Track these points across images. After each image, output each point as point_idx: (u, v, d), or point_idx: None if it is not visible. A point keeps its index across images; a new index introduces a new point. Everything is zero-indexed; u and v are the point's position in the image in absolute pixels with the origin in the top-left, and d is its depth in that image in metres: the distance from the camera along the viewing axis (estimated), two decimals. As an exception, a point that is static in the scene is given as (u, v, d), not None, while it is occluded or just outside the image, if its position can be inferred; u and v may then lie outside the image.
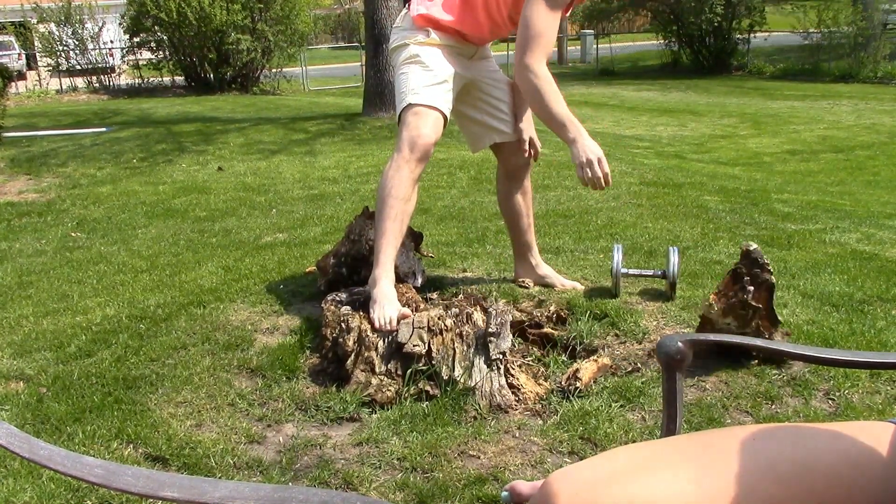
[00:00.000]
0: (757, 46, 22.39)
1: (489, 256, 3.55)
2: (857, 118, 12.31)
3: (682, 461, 0.82)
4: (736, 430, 0.86)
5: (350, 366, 2.34)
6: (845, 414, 2.13)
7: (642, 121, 12.87)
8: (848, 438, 0.82)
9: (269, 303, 3.02)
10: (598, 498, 0.76)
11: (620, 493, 0.76)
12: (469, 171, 5.99)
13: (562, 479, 0.80)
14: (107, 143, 8.52)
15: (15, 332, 2.94)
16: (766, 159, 8.91)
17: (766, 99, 15.46)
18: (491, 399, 2.23)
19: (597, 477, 0.80)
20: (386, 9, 9.17)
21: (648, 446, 0.88)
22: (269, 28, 16.91)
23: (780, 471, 0.79)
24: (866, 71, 18.31)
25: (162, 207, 5.35)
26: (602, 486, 0.78)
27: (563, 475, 0.81)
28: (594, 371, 2.35)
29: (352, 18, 38.07)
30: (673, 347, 1.05)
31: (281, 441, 2.10)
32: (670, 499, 0.77)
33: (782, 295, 2.98)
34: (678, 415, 1.05)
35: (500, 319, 2.36)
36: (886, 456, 0.79)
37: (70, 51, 18.07)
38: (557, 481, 0.79)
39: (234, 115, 11.17)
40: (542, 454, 2.01)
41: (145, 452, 2.03)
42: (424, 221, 4.35)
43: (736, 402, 2.22)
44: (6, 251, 4.33)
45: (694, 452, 0.84)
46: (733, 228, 4.07)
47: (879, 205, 5.44)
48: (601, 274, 3.20)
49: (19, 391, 2.41)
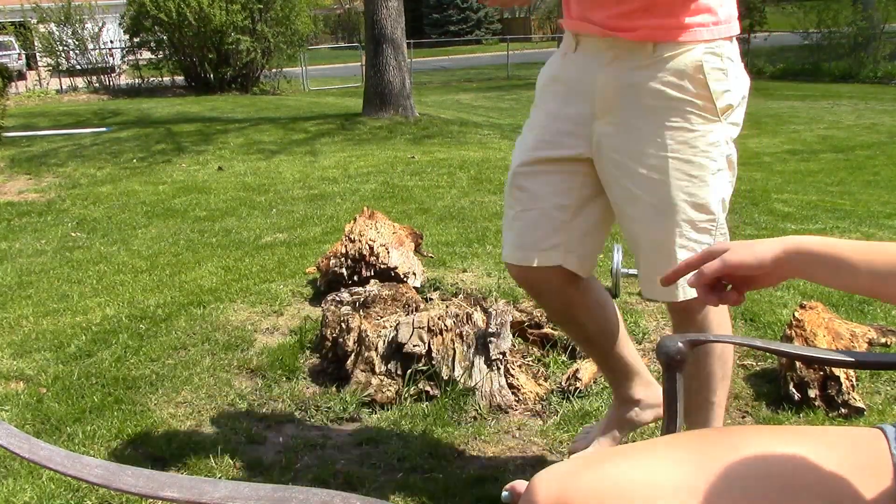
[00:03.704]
0: (757, 46, 22.38)
1: (489, 256, 3.55)
2: (857, 118, 12.32)
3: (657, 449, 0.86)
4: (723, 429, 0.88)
5: (350, 366, 2.34)
6: (846, 414, 2.13)
7: (642, 121, 12.84)
8: (835, 444, 0.82)
9: (269, 303, 3.02)
10: (573, 483, 0.81)
11: (592, 476, 0.81)
12: (469, 171, 5.99)
13: (542, 475, 0.84)
14: (107, 143, 8.52)
15: (15, 332, 2.94)
16: (766, 159, 8.91)
17: (766, 99, 15.45)
18: (491, 399, 2.23)
19: (573, 467, 0.85)
20: (386, 9, 9.18)
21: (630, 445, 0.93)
22: (268, 29, 16.90)
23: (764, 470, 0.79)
24: (866, 71, 18.31)
25: (162, 207, 5.35)
26: (577, 474, 0.82)
27: (544, 472, 0.85)
28: (594, 371, 2.35)
29: (352, 18, 38.10)
30: (673, 347, 1.05)
31: (281, 441, 2.10)
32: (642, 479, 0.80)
33: (782, 295, 2.98)
34: (678, 415, 1.05)
35: (500, 319, 2.36)
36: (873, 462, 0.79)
37: (70, 51, 18.06)
38: (538, 478, 0.84)
39: (234, 116, 11.16)
40: (542, 454, 2.01)
41: (145, 452, 2.03)
42: (424, 221, 4.35)
43: (736, 402, 2.22)
44: (6, 251, 4.33)
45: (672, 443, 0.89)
46: (733, 228, 4.06)
47: (879, 205, 5.44)
48: (601, 274, 3.20)
49: (19, 391, 2.41)
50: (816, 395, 2.16)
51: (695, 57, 1.42)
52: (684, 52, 1.42)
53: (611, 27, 1.45)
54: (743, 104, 1.52)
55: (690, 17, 1.42)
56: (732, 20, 1.49)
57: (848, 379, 2.16)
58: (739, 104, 1.50)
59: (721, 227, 1.51)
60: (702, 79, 1.42)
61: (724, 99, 1.45)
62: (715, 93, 1.43)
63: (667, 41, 1.42)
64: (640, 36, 1.43)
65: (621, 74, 1.46)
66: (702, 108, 1.43)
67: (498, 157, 6.57)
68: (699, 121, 1.44)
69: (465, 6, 36.26)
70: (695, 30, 1.42)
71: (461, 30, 35.75)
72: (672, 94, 1.43)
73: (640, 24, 1.43)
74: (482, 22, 37.40)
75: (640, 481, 0.80)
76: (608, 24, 1.45)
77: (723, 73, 1.44)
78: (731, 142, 1.51)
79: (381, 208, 3.93)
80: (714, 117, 1.45)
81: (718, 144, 1.46)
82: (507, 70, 22.57)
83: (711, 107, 1.44)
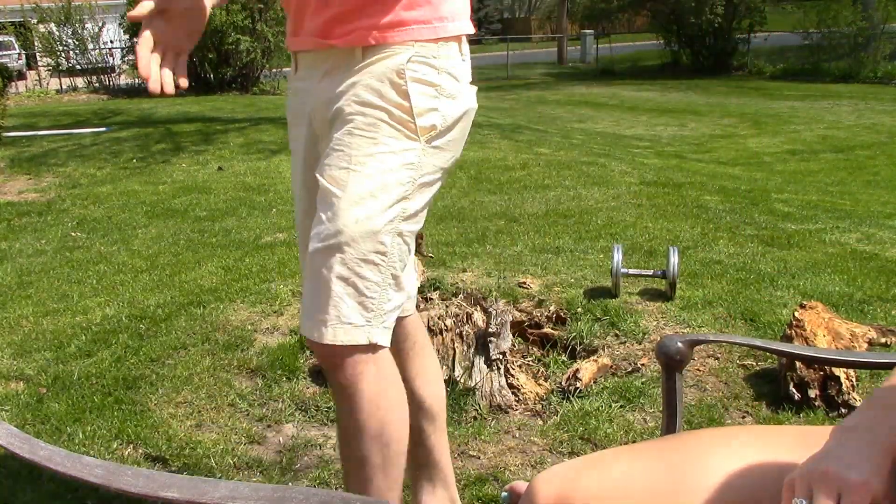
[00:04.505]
0: (757, 46, 22.38)
1: (489, 256, 3.55)
2: (857, 118, 12.31)
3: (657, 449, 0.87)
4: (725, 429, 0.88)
5: (350, 366, 2.33)
6: (846, 414, 2.13)
7: (642, 121, 12.86)
8: None
9: (269, 303, 3.02)
10: (573, 484, 0.81)
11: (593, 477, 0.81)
12: (469, 171, 5.98)
13: (542, 477, 0.84)
14: (107, 143, 8.52)
15: (15, 332, 2.94)
16: (766, 159, 8.91)
17: (766, 99, 15.45)
18: (491, 399, 2.23)
19: (573, 468, 0.85)
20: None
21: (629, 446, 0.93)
22: (269, 29, 16.90)
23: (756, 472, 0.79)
24: (866, 71, 18.29)
25: (162, 207, 5.35)
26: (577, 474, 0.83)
27: (544, 472, 0.85)
28: (594, 371, 2.35)
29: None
30: (673, 347, 1.05)
31: (281, 441, 2.10)
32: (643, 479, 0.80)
33: (782, 295, 2.98)
34: (678, 415, 1.05)
35: (500, 319, 2.36)
36: None
37: (70, 51, 18.06)
38: (538, 479, 0.84)
39: (234, 115, 11.16)
40: (542, 454, 2.01)
41: (145, 452, 2.03)
42: (424, 221, 4.35)
43: (736, 402, 2.22)
44: (6, 251, 4.33)
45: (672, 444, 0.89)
46: (733, 228, 4.07)
47: (879, 205, 5.44)
48: (601, 274, 3.20)
49: (19, 391, 2.41)
50: (816, 395, 2.16)
51: (400, 61, 1.24)
52: (392, 56, 1.24)
53: (324, 35, 1.29)
54: (457, 132, 1.31)
55: (406, 10, 1.24)
56: (458, 17, 1.30)
57: (848, 379, 2.16)
58: (450, 129, 1.29)
59: (391, 264, 1.26)
60: (402, 87, 1.24)
61: (428, 118, 1.26)
62: (416, 107, 1.24)
63: (377, 44, 1.25)
64: (351, 41, 1.26)
65: (329, 89, 1.29)
66: (398, 120, 1.24)
67: (498, 157, 6.57)
68: (392, 135, 1.24)
69: (465, 6, 36.26)
70: (411, 28, 1.25)
71: (461, 30, 35.72)
72: (369, 101, 1.24)
73: (353, 27, 1.26)
74: (482, 22, 37.43)
75: (640, 481, 0.80)
76: (321, 33, 1.29)
77: (433, 88, 1.26)
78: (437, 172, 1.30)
79: (381, 208, 3.92)
80: (412, 135, 1.25)
81: (411, 167, 1.25)
82: (507, 70, 22.57)
83: (410, 122, 1.25)
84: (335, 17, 1.27)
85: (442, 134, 1.28)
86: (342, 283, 1.22)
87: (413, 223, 1.30)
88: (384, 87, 1.24)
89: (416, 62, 1.25)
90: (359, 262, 1.23)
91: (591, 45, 26.24)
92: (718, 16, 20.71)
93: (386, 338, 1.26)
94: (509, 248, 3.71)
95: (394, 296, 1.27)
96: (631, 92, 17.82)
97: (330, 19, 1.27)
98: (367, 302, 1.23)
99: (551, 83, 20.01)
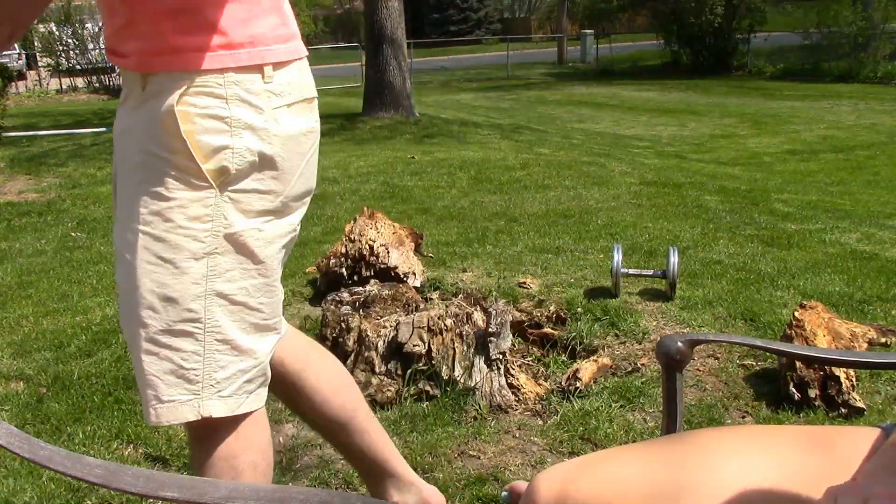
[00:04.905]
0: (757, 46, 22.37)
1: (489, 256, 3.55)
2: (857, 118, 12.31)
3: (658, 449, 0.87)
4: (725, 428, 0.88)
5: (350, 366, 2.33)
6: (846, 414, 2.13)
7: (642, 120, 12.86)
8: (833, 444, 0.82)
9: (269, 303, 3.02)
10: (573, 484, 0.82)
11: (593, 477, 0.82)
12: (469, 171, 5.99)
13: (542, 476, 0.85)
14: (107, 143, 8.52)
15: (15, 332, 2.94)
16: (766, 159, 8.91)
17: (766, 99, 15.45)
18: (491, 399, 2.23)
19: (573, 468, 0.86)
20: (386, 9, 9.18)
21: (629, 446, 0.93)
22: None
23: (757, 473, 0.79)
24: (866, 71, 18.29)
25: (162, 207, 5.34)
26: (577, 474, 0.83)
27: (544, 472, 0.86)
28: (594, 371, 2.35)
29: (352, 18, 38.10)
30: (673, 347, 1.05)
31: (281, 441, 2.10)
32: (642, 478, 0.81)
33: (782, 295, 2.99)
34: (678, 415, 1.05)
35: (500, 319, 2.35)
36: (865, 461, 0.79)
37: (70, 51, 18.07)
38: (539, 479, 0.84)
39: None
40: (542, 454, 2.01)
41: (145, 452, 2.03)
42: (424, 221, 4.35)
43: (736, 402, 2.22)
44: (6, 251, 4.33)
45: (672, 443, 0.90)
46: (733, 228, 4.07)
47: (879, 205, 5.44)
48: (601, 274, 3.20)
49: (19, 391, 2.41)
50: (816, 395, 2.16)
51: (175, 96, 1.05)
52: (167, 91, 1.06)
53: (110, 51, 1.13)
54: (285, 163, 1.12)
55: (183, 36, 1.05)
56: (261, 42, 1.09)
57: (848, 379, 2.16)
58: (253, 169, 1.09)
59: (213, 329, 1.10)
60: (178, 127, 1.05)
61: (218, 160, 1.07)
62: (200, 149, 1.06)
63: (156, 71, 1.06)
64: (131, 64, 1.09)
65: (122, 117, 1.14)
66: (181, 167, 1.06)
67: (498, 158, 6.57)
68: (177, 185, 1.07)
69: (465, 6, 36.27)
70: (189, 56, 1.05)
71: (461, 30, 35.74)
72: (148, 149, 1.08)
73: (130, 48, 1.09)
74: (482, 22, 37.41)
75: (640, 481, 0.80)
76: (108, 48, 1.13)
77: (221, 122, 1.06)
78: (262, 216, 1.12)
79: (381, 208, 3.93)
80: (202, 182, 1.07)
81: (207, 219, 1.08)
82: (507, 70, 22.55)
83: (195, 168, 1.06)
84: (115, 32, 1.10)
85: (245, 174, 1.09)
86: (153, 358, 1.09)
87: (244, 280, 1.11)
88: (161, 130, 1.06)
89: (195, 94, 1.06)
90: (164, 334, 1.09)
91: (591, 45, 26.23)
92: (718, 16, 20.70)
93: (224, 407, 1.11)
94: (509, 248, 3.72)
95: (229, 361, 1.12)
96: (631, 92, 17.82)
97: (110, 35, 1.12)
98: (188, 374, 1.09)
99: (551, 83, 20.00)
